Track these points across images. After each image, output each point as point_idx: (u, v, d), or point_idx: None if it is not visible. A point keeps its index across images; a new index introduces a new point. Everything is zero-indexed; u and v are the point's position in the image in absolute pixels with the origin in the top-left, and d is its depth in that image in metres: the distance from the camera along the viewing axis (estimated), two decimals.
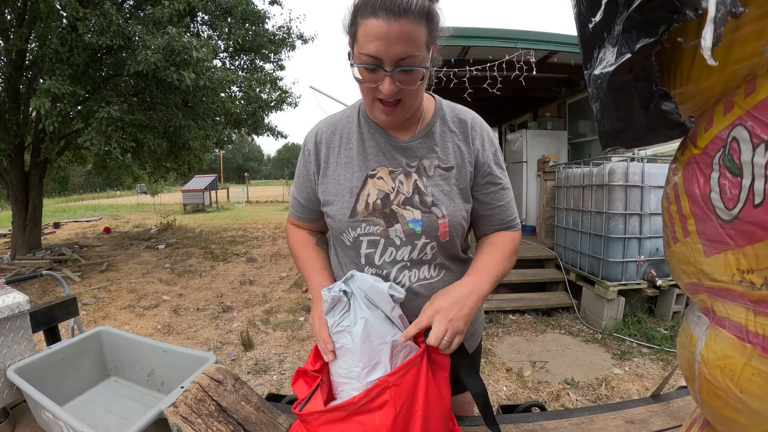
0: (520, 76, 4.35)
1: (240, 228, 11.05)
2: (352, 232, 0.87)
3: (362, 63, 0.72)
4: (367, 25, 0.70)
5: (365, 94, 0.79)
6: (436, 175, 0.86)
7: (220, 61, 8.77)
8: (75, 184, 39.00)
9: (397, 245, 0.86)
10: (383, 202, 0.85)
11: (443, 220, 0.85)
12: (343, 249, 0.92)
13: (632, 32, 0.41)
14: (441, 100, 0.93)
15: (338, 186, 0.88)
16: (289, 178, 38.93)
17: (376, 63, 0.71)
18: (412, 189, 0.85)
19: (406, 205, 0.85)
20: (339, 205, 0.87)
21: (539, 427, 0.87)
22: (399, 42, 0.69)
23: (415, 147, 0.87)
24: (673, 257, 0.55)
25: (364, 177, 0.86)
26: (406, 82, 0.73)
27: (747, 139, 0.39)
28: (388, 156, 0.87)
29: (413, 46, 0.70)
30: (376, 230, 0.85)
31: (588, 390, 2.75)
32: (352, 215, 0.86)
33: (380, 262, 0.88)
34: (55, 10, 5.28)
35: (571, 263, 4.50)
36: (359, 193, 0.86)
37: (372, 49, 0.70)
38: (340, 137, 0.91)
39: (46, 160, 7.12)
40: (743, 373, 0.42)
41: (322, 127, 0.93)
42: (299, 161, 0.97)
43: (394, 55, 0.70)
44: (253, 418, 0.74)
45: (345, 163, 0.89)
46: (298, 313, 4.35)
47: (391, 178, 0.86)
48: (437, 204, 0.85)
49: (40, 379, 0.87)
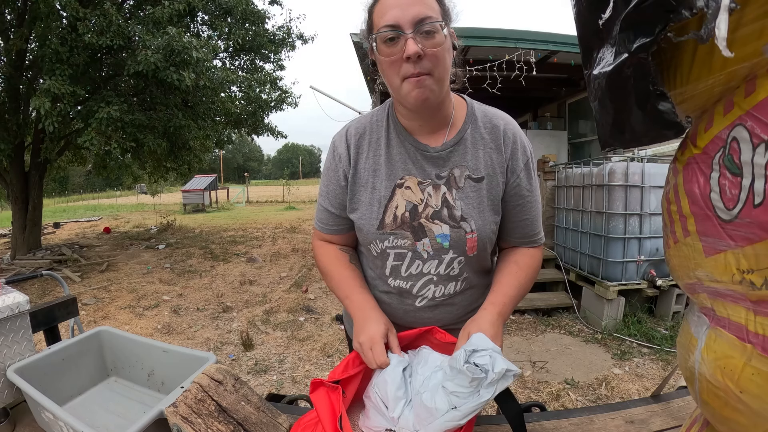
0: (520, 76, 4.35)
1: (240, 228, 11.05)
2: (379, 243, 0.85)
3: (381, 33, 0.72)
4: (380, 3, 0.72)
5: (391, 73, 0.75)
6: (466, 186, 0.83)
7: (220, 61, 8.77)
8: (75, 184, 39.01)
9: (424, 258, 0.85)
10: (411, 214, 0.83)
11: (472, 235, 0.83)
12: (370, 258, 0.91)
13: (629, 32, 0.41)
14: (473, 103, 0.89)
15: (366, 194, 0.86)
16: (289, 178, 38.90)
17: (396, 29, 0.71)
18: (440, 202, 0.83)
19: (435, 219, 0.83)
20: (367, 214, 0.85)
21: (539, 427, 0.87)
22: (414, 4, 0.70)
23: (445, 156, 0.83)
24: (673, 257, 0.55)
25: (393, 187, 0.84)
26: (430, 45, 0.72)
27: (747, 139, 0.39)
28: (417, 166, 0.84)
29: (428, 8, 0.71)
30: (404, 243, 0.84)
31: (588, 390, 2.75)
32: (380, 227, 0.84)
33: (406, 274, 0.87)
34: (55, 10, 5.28)
35: (571, 263, 4.50)
36: (387, 204, 0.84)
37: (390, 18, 0.71)
38: (368, 141, 0.87)
39: (46, 160, 7.12)
40: (743, 373, 0.42)
41: (351, 130, 0.90)
42: (328, 167, 0.91)
43: (412, 16, 0.70)
44: (253, 418, 0.74)
45: (373, 170, 0.86)
46: (298, 313, 4.35)
47: (420, 189, 0.83)
48: (466, 218, 0.82)
49: (40, 379, 0.87)
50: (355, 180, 0.87)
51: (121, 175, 10.60)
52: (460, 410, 0.63)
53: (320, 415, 0.66)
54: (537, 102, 7.50)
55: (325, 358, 3.28)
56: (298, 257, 7.10)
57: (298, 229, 10.73)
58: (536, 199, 0.89)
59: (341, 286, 0.89)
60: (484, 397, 0.63)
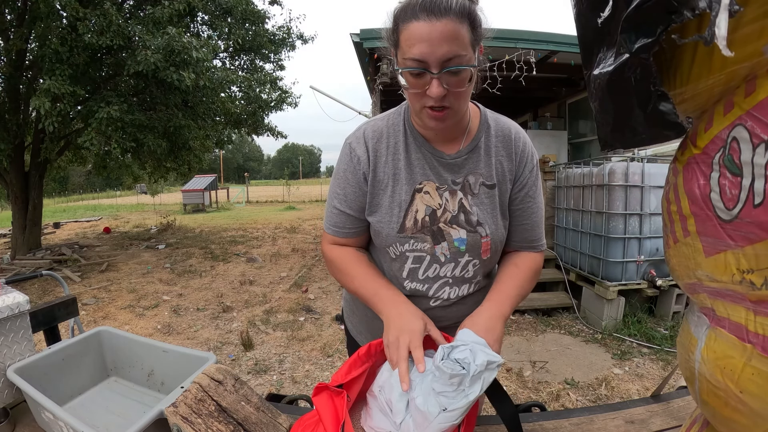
0: (520, 76, 4.35)
1: (240, 228, 11.05)
2: (399, 246, 0.86)
3: (408, 68, 0.70)
4: (409, 29, 0.69)
5: (413, 101, 0.76)
6: (480, 192, 0.86)
7: (220, 61, 8.78)
8: (75, 184, 39.01)
9: (441, 262, 0.87)
10: (431, 219, 0.85)
11: (486, 239, 0.86)
12: (387, 260, 0.91)
13: (630, 32, 0.41)
14: (486, 111, 0.91)
15: (386, 198, 0.86)
16: (289, 178, 38.86)
17: (422, 66, 0.69)
18: (457, 207, 0.85)
19: (453, 223, 0.85)
20: (387, 218, 0.86)
21: (539, 427, 0.87)
22: (443, 42, 0.67)
23: (460, 163, 0.85)
24: (673, 257, 0.55)
25: (412, 191, 0.85)
26: (454, 85, 0.71)
27: (747, 139, 0.39)
28: (434, 171, 0.85)
29: (458, 45, 0.68)
30: (424, 247, 0.85)
31: (588, 390, 2.75)
32: (401, 230, 0.85)
33: (423, 277, 0.88)
34: (55, 10, 5.29)
35: (571, 263, 4.50)
36: (408, 208, 0.85)
37: (416, 53, 0.68)
38: (386, 146, 0.87)
39: (46, 160, 7.12)
40: (743, 373, 0.42)
41: (368, 132, 0.89)
42: (345, 169, 0.89)
43: (440, 56, 0.68)
44: (253, 418, 0.74)
45: (393, 174, 0.86)
46: (298, 313, 4.35)
47: (438, 194, 0.85)
48: (482, 224, 0.85)
49: (40, 379, 0.87)
50: (374, 183, 0.87)
51: (121, 175, 10.59)
52: (450, 411, 0.62)
53: (323, 419, 0.66)
54: (537, 102, 7.50)
55: (325, 358, 3.28)
56: (298, 257, 7.10)
57: (298, 229, 10.73)
58: (539, 205, 0.91)
59: (366, 285, 0.87)
60: (472, 394, 0.62)
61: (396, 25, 0.72)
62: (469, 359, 0.64)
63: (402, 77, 0.74)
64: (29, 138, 7.08)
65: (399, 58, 0.73)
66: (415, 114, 0.82)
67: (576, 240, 4.37)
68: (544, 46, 4.71)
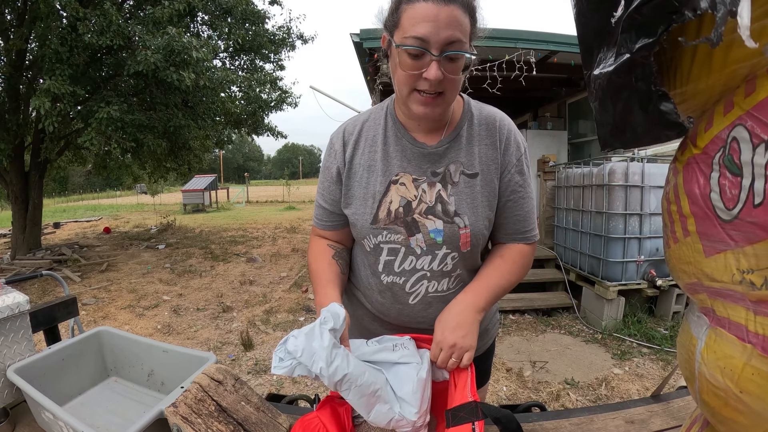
0: (520, 76, 4.35)
1: (240, 228, 11.05)
2: (372, 238, 0.86)
3: (408, 46, 0.70)
4: (415, 8, 0.69)
5: (403, 85, 0.76)
6: (461, 181, 0.84)
7: (220, 61, 8.78)
8: (75, 184, 39.00)
9: (417, 254, 0.85)
10: (405, 210, 0.84)
11: (465, 230, 0.83)
12: (364, 253, 0.91)
13: (631, 32, 0.41)
14: (469, 100, 0.90)
15: (361, 189, 0.87)
16: (289, 178, 38.89)
17: (424, 46, 0.69)
18: (434, 198, 0.84)
19: (428, 214, 0.83)
20: (361, 209, 0.86)
21: (539, 427, 0.87)
22: (449, 26, 0.68)
23: (442, 152, 0.85)
24: (673, 257, 0.55)
25: (387, 183, 0.85)
26: (451, 71, 0.72)
27: (747, 139, 0.39)
28: (413, 163, 0.85)
29: (461, 32, 0.69)
30: (397, 239, 0.84)
31: (588, 390, 2.75)
32: (373, 222, 0.85)
33: (399, 269, 0.87)
34: (55, 10, 5.28)
35: (571, 263, 4.50)
36: (382, 199, 0.85)
37: (420, 31, 0.68)
38: (365, 138, 0.88)
39: (46, 160, 7.12)
40: (743, 373, 0.42)
41: (348, 127, 0.91)
42: (325, 162, 0.93)
43: (443, 38, 0.68)
44: (253, 418, 0.74)
45: (369, 166, 0.87)
46: (298, 313, 4.35)
47: (414, 186, 0.84)
48: (460, 214, 0.83)
49: (40, 379, 0.87)
50: (349, 176, 0.88)
51: (121, 175, 10.60)
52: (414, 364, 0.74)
53: (326, 425, 0.68)
54: (537, 102, 7.49)
55: None
56: (298, 257, 7.10)
57: (298, 229, 10.72)
58: (529, 195, 0.89)
59: (315, 279, 0.90)
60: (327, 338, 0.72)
61: (398, 5, 0.73)
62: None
63: (398, 59, 0.73)
64: (29, 138, 7.08)
65: (398, 38, 0.73)
66: (401, 101, 0.81)
67: (576, 240, 4.37)
68: (544, 46, 4.71)
